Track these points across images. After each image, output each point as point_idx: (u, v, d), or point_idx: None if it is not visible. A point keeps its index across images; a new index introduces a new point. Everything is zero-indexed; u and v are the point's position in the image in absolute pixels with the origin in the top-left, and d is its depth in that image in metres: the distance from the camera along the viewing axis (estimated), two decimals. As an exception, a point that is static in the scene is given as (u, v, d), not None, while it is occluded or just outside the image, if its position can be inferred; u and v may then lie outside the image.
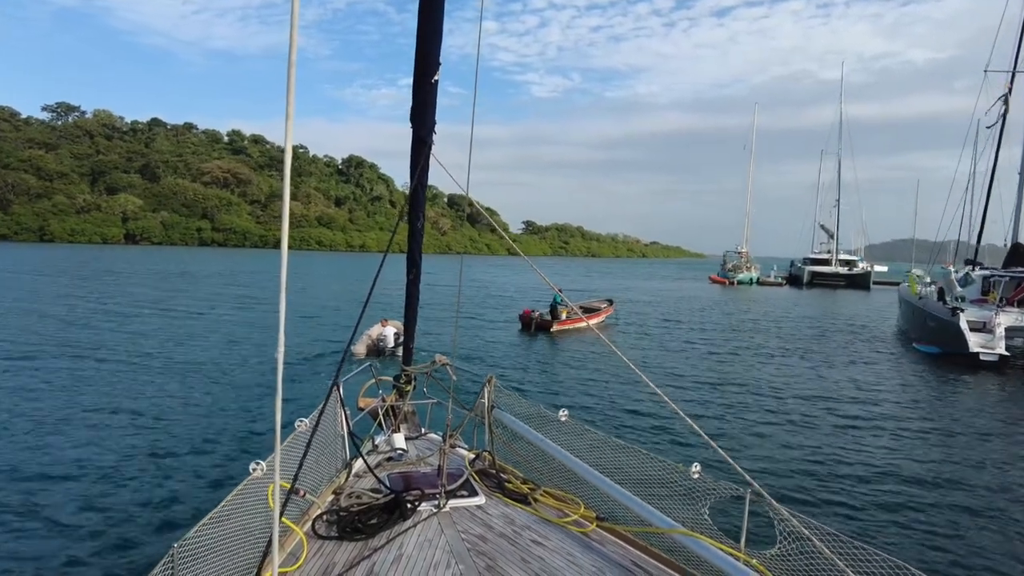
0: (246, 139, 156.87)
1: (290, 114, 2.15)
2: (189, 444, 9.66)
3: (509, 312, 30.53)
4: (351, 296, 36.55)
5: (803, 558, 3.25)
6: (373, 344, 17.69)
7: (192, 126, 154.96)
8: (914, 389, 16.30)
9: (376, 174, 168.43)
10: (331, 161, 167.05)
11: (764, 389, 15.24)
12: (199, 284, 41.16)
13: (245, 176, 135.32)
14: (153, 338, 19.43)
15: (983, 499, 8.53)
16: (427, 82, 4.52)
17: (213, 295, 34.20)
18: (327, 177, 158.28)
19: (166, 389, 13.16)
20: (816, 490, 8.58)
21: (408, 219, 5.43)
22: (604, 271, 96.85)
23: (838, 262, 72.80)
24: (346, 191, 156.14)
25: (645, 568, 3.70)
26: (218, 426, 10.68)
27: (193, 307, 28.19)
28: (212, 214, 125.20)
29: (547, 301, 31.61)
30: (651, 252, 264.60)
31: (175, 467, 8.71)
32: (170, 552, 2.85)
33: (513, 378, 15.15)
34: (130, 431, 10.27)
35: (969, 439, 11.51)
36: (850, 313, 39.15)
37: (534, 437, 4.94)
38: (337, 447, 4.98)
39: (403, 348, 6.25)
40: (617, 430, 10.82)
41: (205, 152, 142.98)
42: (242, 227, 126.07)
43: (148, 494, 7.78)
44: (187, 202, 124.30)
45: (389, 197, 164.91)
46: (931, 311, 23.36)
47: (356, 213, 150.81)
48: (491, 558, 3.61)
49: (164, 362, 15.86)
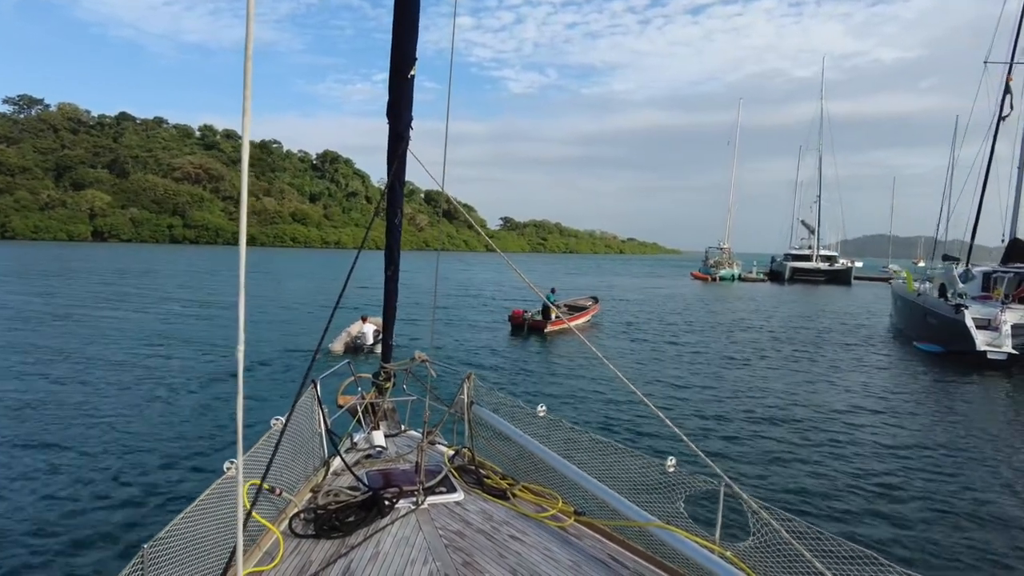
0: (219, 134, 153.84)
1: (246, 108, 2.09)
2: (162, 445, 9.50)
3: (492, 312, 29.23)
4: (328, 293, 36.16)
5: (776, 549, 3.29)
6: (352, 341, 17.53)
7: (162, 120, 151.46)
8: (919, 390, 15.55)
9: (351, 169, 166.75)
10: (305, 156, 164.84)
11: (765, 392, 14.58)
12: (164, 281, 40.32)
13: (217, 172, 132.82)
14: (123, 337, 18.99)
15: (998, 505, 8.27)
16: (403, 77, 4.50)
17: (180, 293, 33.55)
18: (301, 173, 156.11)
19: (139, 389, 12.88)
20: (827, 497, 8.28)
21: (386, 215, 5.41)
22: (584, 268, 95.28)
23: (819, 258, 72.83)
24: (321, 187, 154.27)
25: (622, 562, 3.73)
26: (193, 426, 10.53)
27: (161, 305, 27.61)
28: (183, 211, 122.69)
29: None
30: (628, 248, 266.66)
31: (149, 468, 8.57)
32: (140, 553, 2.80)
33: (510, 385, 14.44)
34: (101, 432, 10.05)
35: (980, 441, 11.16)
36: (838, 310, 38.47)
37: (513, 433, 4.96)
38: (315, 445, 4.95)
39: (382, 345, 6.22)
40: (596, 426, 10.84)
41: (176, 147, 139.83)
42: (215, 224, 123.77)
43: (120, 495, 7.66)
44: (157, 198, 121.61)
45: (365, 193, 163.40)
46: (933, 308, 22.45)
47: (331, 209, 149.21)
48: (468, 554, 3.61)
49: (134, 363, 15.51)
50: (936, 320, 21.78)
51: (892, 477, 9.14)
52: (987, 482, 9.16)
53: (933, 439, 11.23)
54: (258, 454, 3.84)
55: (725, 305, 39.25)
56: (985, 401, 14.77)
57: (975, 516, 7.90)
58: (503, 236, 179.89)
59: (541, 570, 3.51)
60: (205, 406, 11.81)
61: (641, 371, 16.62)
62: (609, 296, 39.44)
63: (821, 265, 71.28)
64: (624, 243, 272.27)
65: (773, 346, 22.08)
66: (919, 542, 7.12)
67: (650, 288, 52.87)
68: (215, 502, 3.36)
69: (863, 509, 7.96)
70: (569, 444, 4.74)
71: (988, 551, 6.98)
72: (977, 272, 23.97)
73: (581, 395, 13.78)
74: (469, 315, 28.51)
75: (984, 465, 9.91)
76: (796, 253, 75.35)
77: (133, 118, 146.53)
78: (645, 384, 14.75)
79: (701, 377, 16.15)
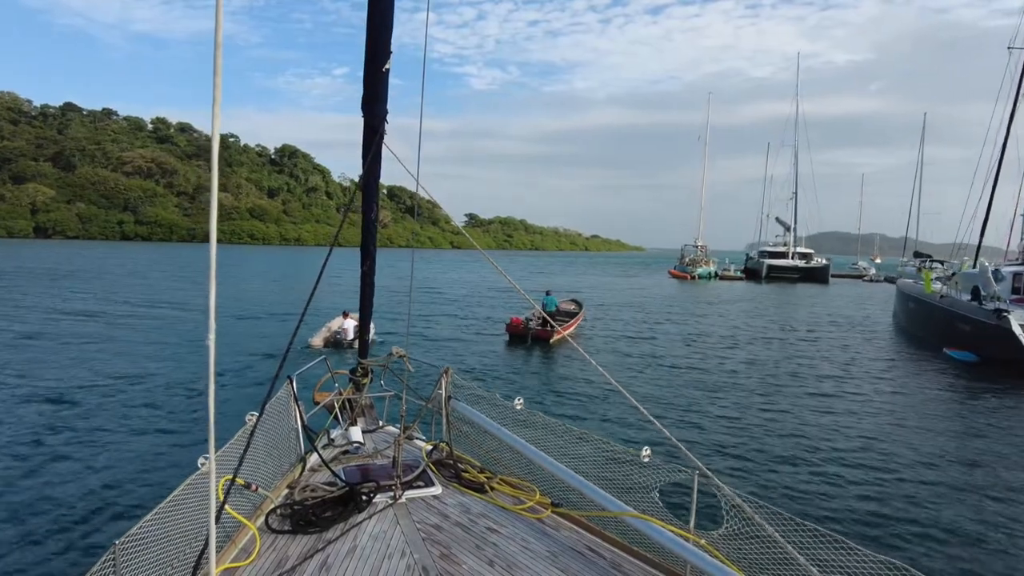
0: (172, 127, 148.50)
1: (217, 98, 2.04)
2: (135, 443, 9.45)
3: (478, 320, 26.15)
4: (291, 292, 35.39)
5: (749, 536, 3.38)
6: (332, 336, 17.44)
7: (112, 112, 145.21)
8: (962, 405, 13.96)
9: (311, 164, 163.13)
10: (263, 151, 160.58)
11: (792, 407, 13.10)
12: (96, 282, 38.84)
13: (172, 166, 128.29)
14: (89, 335, 18.21)
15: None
16: (378, 70, 4.52)
17: (129, 292, 32.35)
18: (259, 167, 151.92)
19: (108, 389, 12.54)
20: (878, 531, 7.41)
21: (361, 210, 5.38)
22: (554, 266, 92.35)
23: (796, 255, 71.09)
24: (279, 182, 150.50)
25: (599, 552, 3.79)
26: (168, 423, 10.44)
27: (124, 305, 26.57)
28: (135, 206, 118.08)
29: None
30: (593, 245, 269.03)
31: (121, 466, 8.51)
32: (111, 548, 2.76)
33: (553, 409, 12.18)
34: (71, 430, 9.88)
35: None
36: (834, 310, 36.28)
37: (491, 427, 5.00)
38: (291, 441, 4.93)
39: (359, 341, 6.22)
40: (575, 421, 10.75)
41: (127, 140, 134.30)
42: (168, 220, 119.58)
43: (93, 492, 7.58)
44: (107, 193, 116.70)
45: (325, 188, 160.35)
46: (965, 313, 20.27)
47: (291, 205, 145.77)
48: (446, 546, 3.64)
49: (102, 362, 14.95)
50: (970, 326, 19.68)
51: (981, 521, 7.77)
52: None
53: (999, 469, 9.71)
54: (233, 450, 3.80)
55: (717, 308, 35.74)
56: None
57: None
58: (470, 233, 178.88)
59: (518, 561, 3.55)
60: (180, 404, 11.66)
61: (665, 393, 14.39)
62: (591, 298, 35.81)
63: (798, 263, 69.63)
64: (588, 240, 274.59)
65: (787, 356, 19.61)
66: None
67: (631, 289, 50.20)
68: (188, 498, 3.32)
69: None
70: (546, 436, 4.79)
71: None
72: (1007, 272, 21.65)
73: (579, 403, 12.76)
74: (453, 323, 25.03)
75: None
76: (772, 250, 73.33)
77: (80, 109, 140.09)
78: (664, 405, 12.82)
79: (739, 403, 13.53)
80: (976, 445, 10.94)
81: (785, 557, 3.08)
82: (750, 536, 3.37)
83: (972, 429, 12.02)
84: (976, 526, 7.55)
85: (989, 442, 11.13)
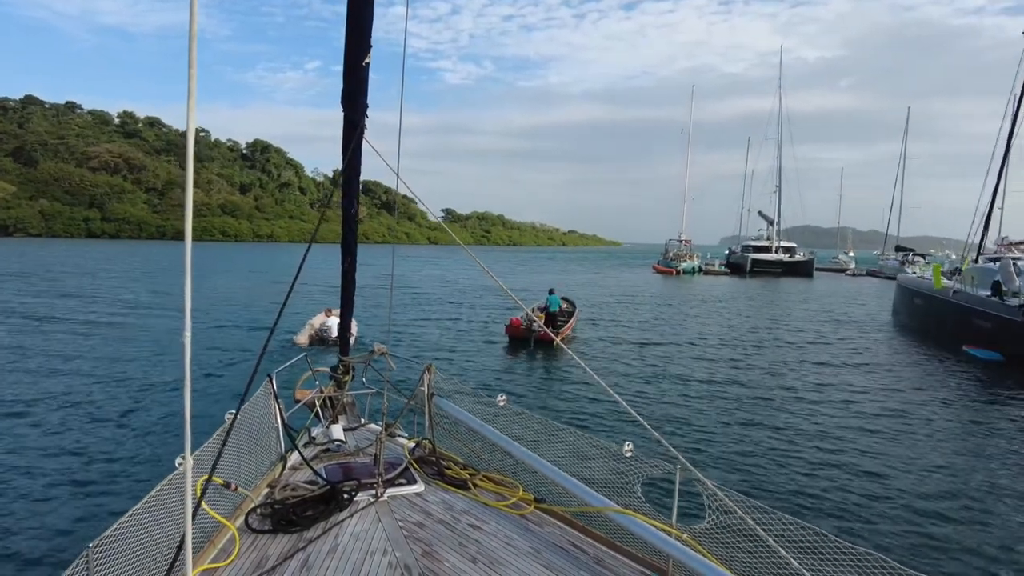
0: (140, 121, 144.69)
1: (192, 90, 1.99)
2: (111, 444, 9.30)
3: (464, 319, 24.61)
4: (263, 292, 34.87)
5: (731, 530, 3.42)
6: (316, 334, 17.29)
7: (76, 106, 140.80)
8: (993, 407, 13.25)
9: (284, 159, 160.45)
10: (235, 145, 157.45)
11: (812, 410, 12.56)
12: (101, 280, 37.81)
13: (139, 161, 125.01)
14: (64, 336, 17.63)
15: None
16: (358, 64, 4.50)
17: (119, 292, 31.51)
18: (230, 163, 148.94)
19: (84, 390, 12.30)
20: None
21: (341, 205, 5.35)
22: (535, 262, 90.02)
23: (780, 249, 70.78)
24: (251, 177, 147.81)
25: (581, 547, 3.81)
26: (145, 424, 10.30)
27: (101, 305, 25.84)
28: (102, 203, 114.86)
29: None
30: (570, 240, 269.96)
31: (97, 467, 8.36)
32: (84, 553, 2.69)
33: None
34: (44, 432, 9.72)
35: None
36: (829, 306, 35.09)
37: (474, 423, 4.99)
38: (272, 440, 4.88)
39: (339, 338, 6.18)
40: (578, 426, 10.23)
41: (92, 135, 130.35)
42: (137, 217, 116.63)
43: (67, 495, 7.44)
44: (71, 189, 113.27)
45: (298, 184, 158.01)
46: (985, 309, 19.51)
47: (263, 200, 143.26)
48: (428, 544, 3.62)
49: (79, 363, 14.56)
50: (991, 323, 18.98)
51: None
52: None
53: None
54: (211, 450, 3.74)
55: (710, 306, 34.01)
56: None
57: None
58: (447, 229, 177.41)
59: (501, 558, 3.55)
60: (158, 404, 11.50)
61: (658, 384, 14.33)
62: (578, 296, 32.22)
63: (782, 257, 69.24)
64: (566, 235, 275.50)
65: (801, 360, 18.30)
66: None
67: (618, 286, 48.30)
68: (165, 498, 3.26)
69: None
70: (530, 433, 4.80)
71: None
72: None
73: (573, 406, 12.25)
74: (442, 326, 23.17)
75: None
76: (756, 244, 72.99)
77: (41, 102, 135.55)
78: (681, 415, 12.05)
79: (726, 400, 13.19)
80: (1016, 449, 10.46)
81: (766, 550, 3.12)
82: (732, 530, 3.40)
83: (1006, 432, 11.51)
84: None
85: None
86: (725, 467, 9.24)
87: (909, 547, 6.89)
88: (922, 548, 6.89)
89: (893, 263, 68.30)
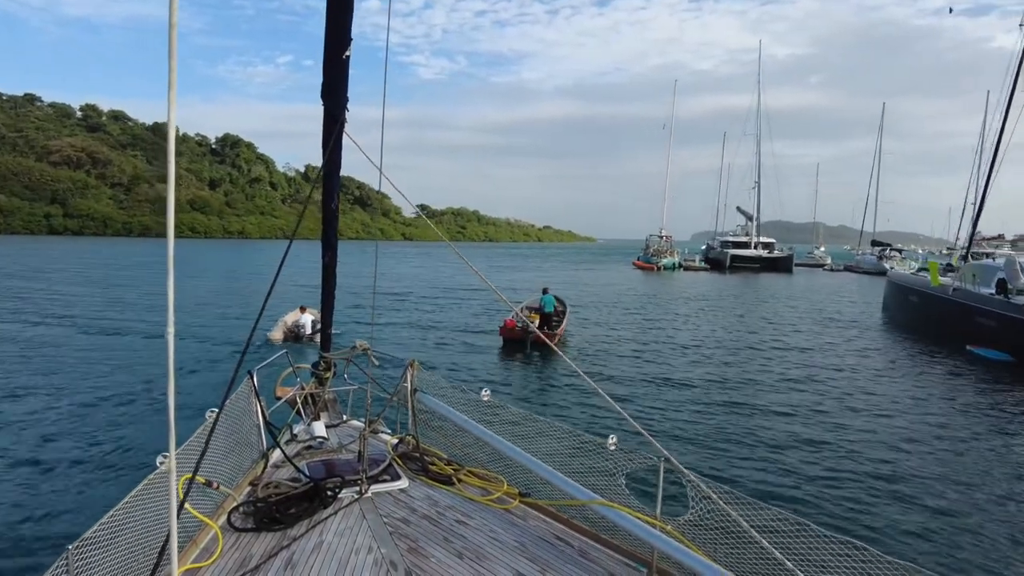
0: (104, 115, 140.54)
1: (172, 83, 1.95)
2: (92, 442, 9.17)
3: (445, 322, 23.02)
4: (233, 292, 34.25)
5: (714, 521, 3.46)
6: (290, 331, 17.21)
7: (35, 98, 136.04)
8: (1007, 410, 12.68)
9: (254, 154, 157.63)
10: (204, 140, 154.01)
11: (816, 413, 12.07)
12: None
13: (104, 156, 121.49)
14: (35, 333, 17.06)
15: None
16: (339, 58, 4.47)
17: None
18: (199, 158, 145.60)
19: (65, 388, 12.21)
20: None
21: (321, 201, 5.31)
22: (514, 259, 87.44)
23: (760, 245, 70.53)
24: (221, 172, 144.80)
25: (566, 540, 3.83)
26: (125, 422, 10.18)
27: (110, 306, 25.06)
28: (64, 198, 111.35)
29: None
30: (545, 236, 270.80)
31: (77, 467, 8.24)
32: (64, 555, 2.64)
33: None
34: (20, 433, 9.57)
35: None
36: (815, 304, 34.30)
37: (457, 418, 4.98)
38: (253, 438, 4.83)
39: (321, 334, 6.12)
40: (556, 415, 10.36)
41: (53, 128, 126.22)
42: (102, 213, 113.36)
43: (47, 496, 7.28)
44: (31, 184, 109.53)
45: (269, 179, 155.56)
46: (991, 308, 18.85)
47: (233, 196, 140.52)
48: (413, 540, 3.61)
49: (57, 361, 14.28)
50: (996, 322, 18.37)
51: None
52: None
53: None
54: (192, 448, 3.68)
55: (697, 304, 32.84)
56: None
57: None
58: (422, 225, 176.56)
59: (487, 552, 3.55)
60: (138, 404, 11.33)
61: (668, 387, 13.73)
62: (566, 294, 29.30)
63: (762, 253, 68.91)
64: (541, 231, 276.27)
65: (798, 363, 17.29)
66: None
67: (600, 283, 46.85)
68: (147, 498, 3.20)
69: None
70: (514, 427, 4.80)
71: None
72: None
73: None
74: (425, 327, 21.82)
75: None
76: (735, 240, 72.56)
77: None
78: (689, 423, 11.35)
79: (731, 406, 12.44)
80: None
81: (749, 540, 3.18)
82: (715, 520, 3.45)
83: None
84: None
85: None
86: (724, 464, 9.11)
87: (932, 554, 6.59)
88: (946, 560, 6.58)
89: (870, 259, 69.29)
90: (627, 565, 3.63)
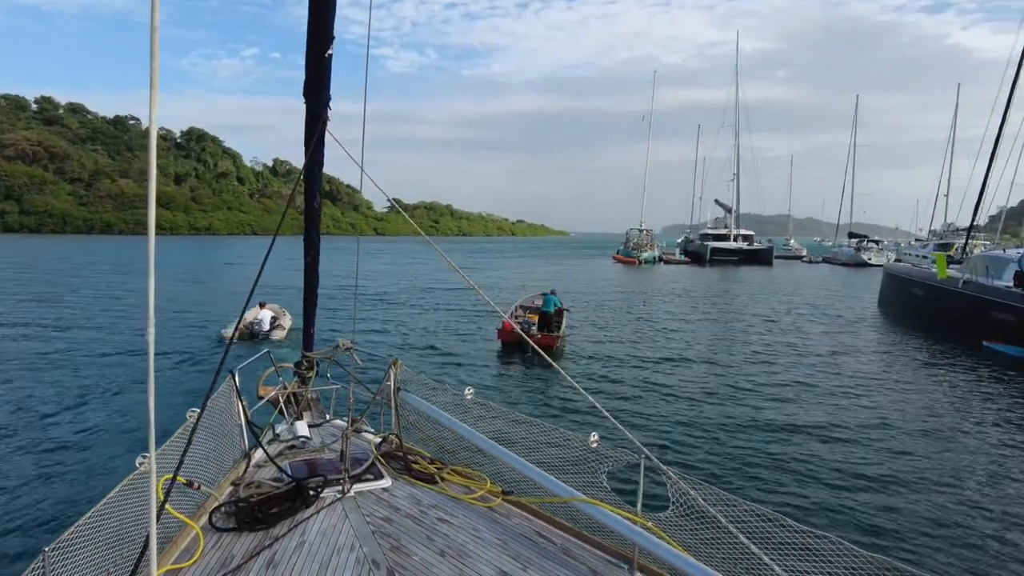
0: (61, 108, 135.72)
1: (154, 82, 1.91)
2: (72, 442, 9.01)
3: (434, 325, 21.24)
4: (211, 286, 33.47)
5: (693, 517, 3.54)
6: (246, 328, 16.63)
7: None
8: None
9: (220, 148, 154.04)
10: (168, 134, 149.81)
11: (829, 415, 11.39)
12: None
13: (62, 150, 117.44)
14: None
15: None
16: (321, 56, 4.48)
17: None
18: (164, 152, 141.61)
19: (39, 388, 11.90)
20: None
21: (304, 198, 5.29)
22: (490, 255, 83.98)
23: (739, 237, 70.23)
24: (187, 167, 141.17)
25: (549, 537, 3.87)
26: (105, 422, 9.97)
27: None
28: (20, 194, 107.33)
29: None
30: (519, 230, 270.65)
31: (56, 468, 8.04)
32: (40, 557, 2.60)
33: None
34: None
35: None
36: (804, 297, 33.30)
37: (441, 417, 5.00)
38: (235, 437, 4.80)
39: (303, 333, 6.05)
40: (553, 421, 9.40)
41: (7, 121, 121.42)
42: (61, 210, 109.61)
43: (23, 497, 7.13)
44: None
45: (236, 173, 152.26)
46: (1011, 302, 18.08)
47: (200, 191, 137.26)
48: (396, 539, 3.63)
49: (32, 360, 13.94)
50: (1016, 316, 17.68)
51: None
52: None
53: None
54: (173, 449, 3.63)
55: (685, 300, 31.53)
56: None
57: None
58: (392, 220, 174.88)
59: (469, 550, 3.58)
60: (117, 404, 11.10)
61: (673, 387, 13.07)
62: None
63: (742, 245, 68.80)
64: (514, 225, 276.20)
65: (798, 361, 16.57)
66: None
67: (583, 278, 45.12)
68: (126, 499, 3.16)
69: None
70: (497, 426, 4.83)
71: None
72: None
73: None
74: (411, 328, 20.48)
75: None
76: (714, 233, 71.85)
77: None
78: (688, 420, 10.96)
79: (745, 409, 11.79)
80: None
81: (728, 536, 3.26)
82: (695, 517, 3.52)
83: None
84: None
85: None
86: (719, 464, 8.76)
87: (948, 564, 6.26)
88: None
89: (848, 250, 70.23)
90: (609, 562, 3.67)
